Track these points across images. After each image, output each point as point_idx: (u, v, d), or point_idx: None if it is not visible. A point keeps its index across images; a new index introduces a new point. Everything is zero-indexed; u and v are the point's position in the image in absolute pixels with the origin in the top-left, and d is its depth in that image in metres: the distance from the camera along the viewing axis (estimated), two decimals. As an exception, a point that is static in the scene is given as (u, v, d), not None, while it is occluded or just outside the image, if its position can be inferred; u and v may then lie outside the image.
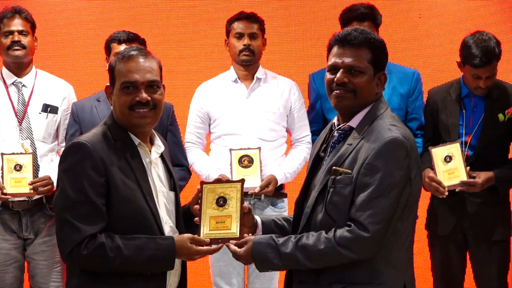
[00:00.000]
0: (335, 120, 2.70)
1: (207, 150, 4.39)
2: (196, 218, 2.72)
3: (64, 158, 2.62)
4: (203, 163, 4.28)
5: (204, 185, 2.71)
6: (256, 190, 4.13)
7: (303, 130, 4.33)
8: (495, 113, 4.06)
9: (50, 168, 4.08)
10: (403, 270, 2.57)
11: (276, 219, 2.83)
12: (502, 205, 4.14)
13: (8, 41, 4.10)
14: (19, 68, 4.18)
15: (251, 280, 4.25)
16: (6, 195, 3.94)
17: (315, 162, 2.71)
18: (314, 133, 4.29)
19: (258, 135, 4.22)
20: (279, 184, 4.21)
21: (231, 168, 4.18)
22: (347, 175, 2.50)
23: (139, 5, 5.24)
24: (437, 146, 4.06)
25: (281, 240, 2.54)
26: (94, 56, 4.98)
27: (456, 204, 4.07)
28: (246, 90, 4.30)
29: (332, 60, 2.60)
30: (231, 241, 2.63)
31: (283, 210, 4.28)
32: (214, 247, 2.64)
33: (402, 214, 2.51)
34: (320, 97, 4.26)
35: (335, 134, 2.65)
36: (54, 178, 3.90)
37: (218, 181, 2.78)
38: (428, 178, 4.01)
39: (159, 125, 3.12)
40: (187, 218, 2.81)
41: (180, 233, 2.75)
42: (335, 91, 2.58)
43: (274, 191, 4.18)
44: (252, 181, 4.11)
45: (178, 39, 5.24)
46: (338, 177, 2.51)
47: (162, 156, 2.82)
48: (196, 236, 2.64)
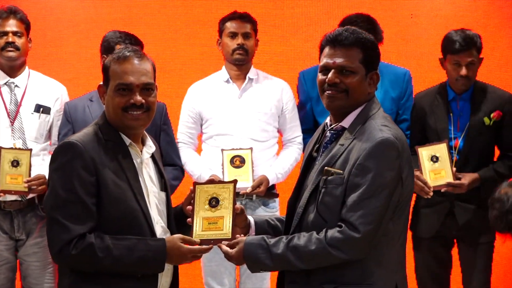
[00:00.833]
0: (328, 120, 2.70)
1: (198, 151, 4.40)
2: (188, 219, 2.71)
3: (55, 158, 2.62)
4: (195, 163, 4.28)
5: (196, 185, 2.72)
6: (248, 190, 4.13)
7: (295, 131, 4.34)
8: (480, 116, 4.08)
9: (41, 168, 4.07)
10: (394, 270, 2.58)
11: (269, 220, 2.83)
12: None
13: (2, 41, 4.10)
14: (12, 69, 4.19)
15: (243, 280, 4.26)
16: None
17: (308, 162, 2.72)
18: (304, 131, 4.31)
19: (250, 136, 4.22)
20: (270, 184, 4.22)
21: (222, 168, 4.19)
22: (339, 176, 2.51)
23: (131, 4, 5.23)
24: (424, 146, 4.05)
25: (272, 240, 2.54)
26: (86, 56, 4.99)
27: (442, 207, 4.10)
28: (238, 90, 4.31)
29: (324, 60, 2.61)
30: (223, 242, 2.64)
31: (275, 210, 4.29)
32: (205, 247, 2.64)
33: (393, 214, 2.52)
34: (310, 99, 4.27)
35: (328, 134, 2.66)
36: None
37: (210, 181, 2.78)
38: (415, 178, 3.99)
39: (152, 124, 3.11)
40: (179, 219, 2.80)
41: (171, 233, 2.74)
42: (327, 92, 2.59)
43: (265, 191, 4.19)
44: (244, 181, 4.10)
45: (171, 38, 5.24)
46: (329, 177, 2.52)
47: (153, 156, 2.82)
48: (186, 236, 2.64)
